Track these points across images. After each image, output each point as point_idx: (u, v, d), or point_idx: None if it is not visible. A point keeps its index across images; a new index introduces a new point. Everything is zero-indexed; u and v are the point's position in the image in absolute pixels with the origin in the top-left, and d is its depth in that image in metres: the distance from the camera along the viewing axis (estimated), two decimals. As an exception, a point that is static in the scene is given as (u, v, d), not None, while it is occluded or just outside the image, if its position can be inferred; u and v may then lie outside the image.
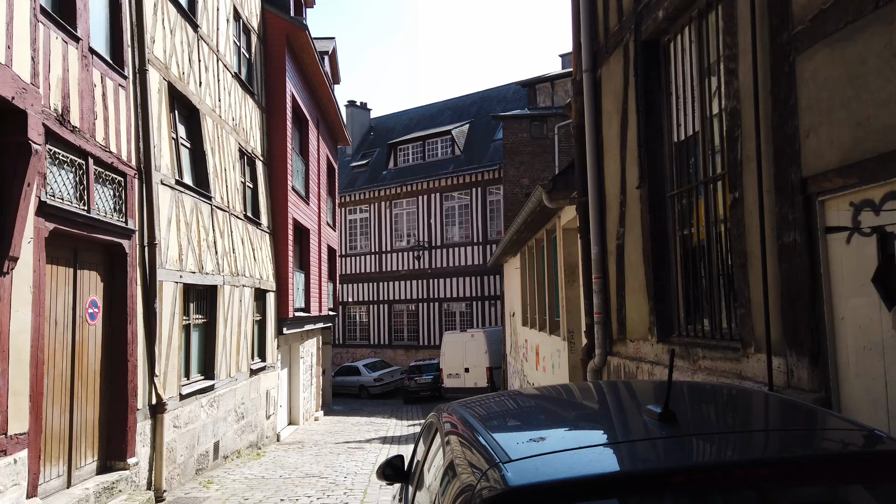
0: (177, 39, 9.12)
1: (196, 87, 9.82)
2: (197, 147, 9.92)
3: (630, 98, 5.02)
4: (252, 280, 12.09)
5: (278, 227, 14.22)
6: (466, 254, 26.73)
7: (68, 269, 6.19)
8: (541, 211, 8.48)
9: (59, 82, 5.85)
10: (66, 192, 5.97)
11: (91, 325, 6.56)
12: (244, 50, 13.04)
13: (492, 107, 29.88)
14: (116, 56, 7.31)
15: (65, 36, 5.99)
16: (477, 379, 20.33)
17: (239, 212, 11.63)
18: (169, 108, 8.76)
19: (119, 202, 7.06)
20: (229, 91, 11.61)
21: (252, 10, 13.64)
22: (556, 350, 9.34)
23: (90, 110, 6.45)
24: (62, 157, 5.92)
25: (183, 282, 8.64)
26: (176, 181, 8.67)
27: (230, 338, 10.70)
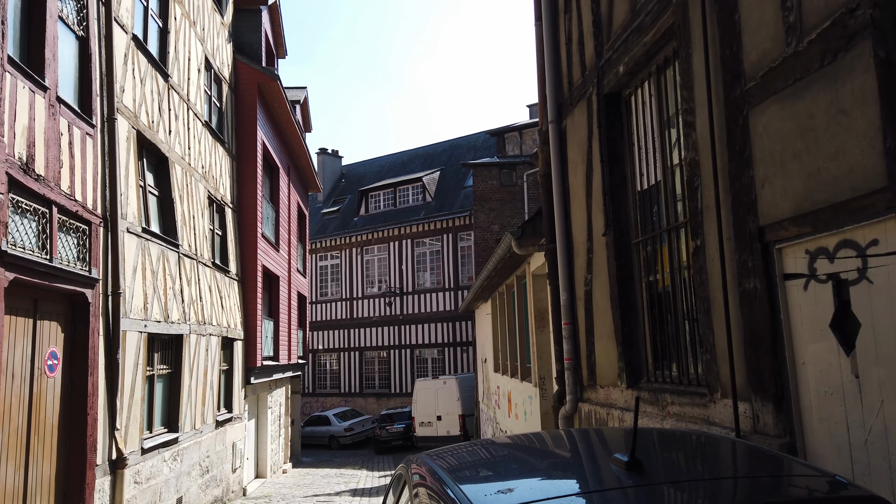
0: (147, 88, 9.15)
1: (165, 136, 9.81)
2: (165, 195, 9.85)
3: (594, 148, 5.16)
4: (219, 329, 11.87)
5: (247, 274, 14.07)
6: (438, 299, 26.69)
7: (27, 319, 6.02)
8: (510, 257, 8.57)
9: (24, 131, 5.81)
10: (28, 240, 5.85)
11: (50, 377, 6.35)
12: (215, 99, 13.11)
13: (462, 155, 30.35)
14: (84, 105, 7.29)
15: (32, 85, 5.97)
16: (450, 427, 20.04)
17: (207, 259, 11.50)
18: (137, 156, 8.72)
19: (83, 251, 6.94)
20: (199, 139, 11.62)
21: (224, 60, 13.78)
22: (528, 397, 9.30)
23: (56, 158, 6.39)
24: (25, 205, 5.82)
25: (147, 331, 8.45)
26: (143, 229, 8.57)
27: (196, 388, 10.43)
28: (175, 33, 10.57)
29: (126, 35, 8.44)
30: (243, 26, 15.54)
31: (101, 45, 7.71)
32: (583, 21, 5.43)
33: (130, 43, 8.59)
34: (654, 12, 4.08)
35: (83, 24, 7.35)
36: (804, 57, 2.70)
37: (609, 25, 4.85)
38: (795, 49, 2.75)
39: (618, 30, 4.66)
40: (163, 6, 10.22)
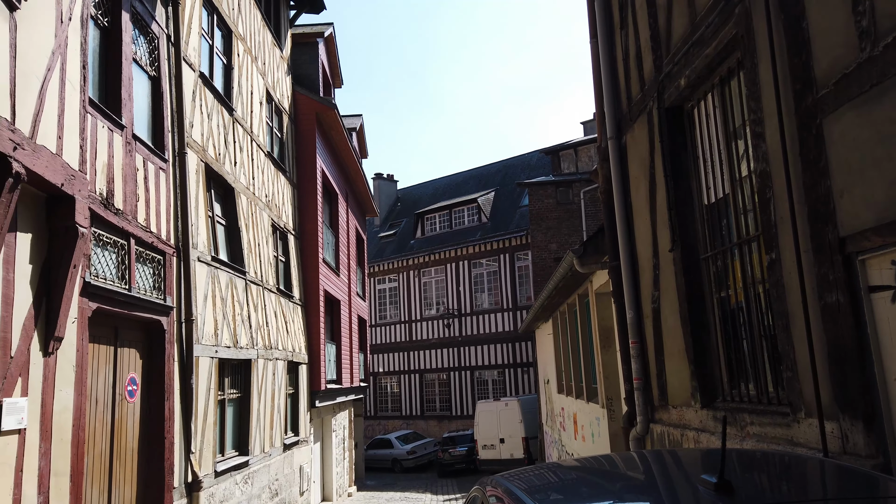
0: (213, 123, 9.55)
1: (231, 167, 10.19)
2: (232, 224, 10.21)
3: (657, 163, 5.08)
4: (285, 353, 12.14)
5: (310, 299, 14.37)
6: (497, 320, 26.56)
7: (109, 347, 6.31)
8: (572, 276, 8.47)
9: (104, 168, 6.14)
10: (108, 272, 6.16)
11: (130, 402, 6.63)
12: (276, 130, 13.56)
13: (516, 174, 30.34)
14: (157, 141, 7.67)
15: (110, 124, 6.32)
16: (513, 450, 19.78)
17: (272, 285, 11.82)
18: (206, 187, 9.09)
19: (158, 280, 7.25)
20: (262, 169, 12.02)
21: (283, 92, 14.27)
22: (595, 418, 9.10)
23: (133, 193, 6.72)
24: (106, 238, 6.14)
25: (218, 357, 8.72)
26: (212, 258, 8.90)
27: (264, 412, 10.67)
28: (238, 69, 11.03)
29: (194, 73, 8.86)
30: (301, 59, 16.07)
31: (172, 83, 8.12)
32: (640, 36, 5.39)
33: (198, 80, 9.00)
34: (715, 24, 4.02)
35: (155, 65, 7.77)
36: (880, 62, 2.61)
37: (668, 39, 4.80)
38: (870, 54, 2.66)
39: (677, 43, 4.61)
40: (227, 44, 10.69)
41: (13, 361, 4.50)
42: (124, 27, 6.72)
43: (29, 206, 4.87)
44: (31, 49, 4.69)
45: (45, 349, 4.93)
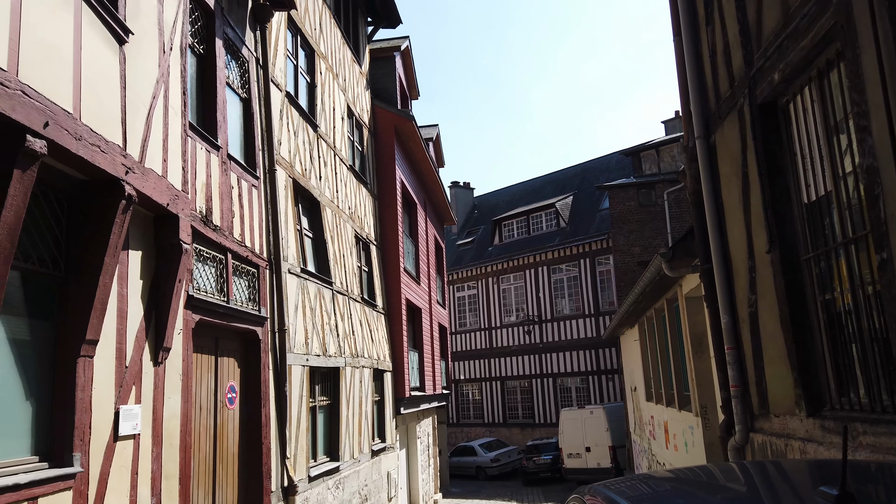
0: (299, 140, 9.93)
1: (317, 182, 10.56)
2: (318, 236, 10.56)
3: (750, 161, 4.89)
4: (370, 361, 12.41)
5: (392, 307, 14.64)
6: (578, 326, 26.14)
7: (210, 356, 6.66)
8: (660, 280, 8.24)
9: (203, 187, 6.51)
10: (209, 285, 6.51)
11: (230, 409, 6.96)
12: (357, 143, 13.94)
13: (595, 177, 29.83)
14: (249, 159, 8.05)
15: (208, 146, 6.69)
16: (600, 459, 19.36)
17: (356, 295, 12.12)
18: (294, 202, 9.45)
19: (253, 292, 7.59)
20: (345, 182, 12.37)
21: (363, 106, 14.65)
22: (689, 427, 8.79)
23: (229, 210, 7.08)
24: (206, 253, 6.50)
25: (309, 365, 9.02)
26: (301, 269, 9.23)
27: (352, 419, 10.94)
28: (321, 87, 11.42)
29: (280, 93, 9.25)
30: (379, 73, 16.46)
31: (261, 104, 8.51)
32: (727, 31, 5.21)
33: (284, 100, 9.39)
34: (810, 15, 3.84)
35: (246, 87, 8.16)
36: None
37: (758, 33, 4.62)
38: None
39: (769, 37, 4.42)
40: (310, 63, 11.10)
41: (128, 371, 4.84)
42: (218, 53, 7.11)
43: (138, 225, 5.22)
44: (138, 79, 5.04)
45: (154, 359, 5.26)
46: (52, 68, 3.84)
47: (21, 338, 4.03)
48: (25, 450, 3.96)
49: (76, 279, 4.34)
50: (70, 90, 4.01)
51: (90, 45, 4.30)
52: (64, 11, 4.01)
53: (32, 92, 3.57)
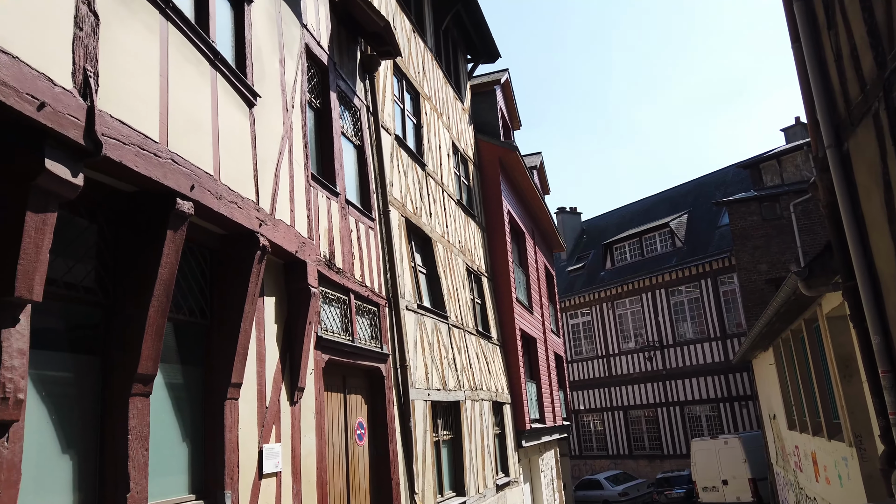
0: (409, 179, 10.26)
1: (427, 219, 10.82)
2: (431, 272, 10.78)
3: (892, 169, 4.50)
4: (489, 393, 12.39)
5: (507, 338, 14.58)
6: (704, 351, 24.79)
7: (339, 394, 6.92)
8: (796, 300, 7.68)
9: (325, 232, 6.86)
10: (335, 325, 6.81)
11: (359, 445, 7.18)
12: (463, 178, 14.19)
13: (710, 193, 28.51)
14: (365, 202, 8.40)
15: (328, 193, 7.06)
16: (739, 492, 18.07)
17: (471, 328, 12.20)
18: (407, 240, 9.73)
19: (375, 330, 7.84)
20: (454, 217, 12.59)
21: (468, 141, 14.93)
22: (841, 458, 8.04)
23: (349, 252, 7.41)
24: (331, 295, 6.81)
25: (431, 399, 9.15)
26: (418, 305, 9.44)
27: (475, 453, 10.93)
28: (427, 127, 11.78)
29: (390, 136, 9.63)
30: (480, 107, 16.74)
31: (373, 149, 8.89)
32: (853, 34, 4.88)
33: (394, 142, 9.77)
34: (955, 4, 3.52)
35: (358, 134, 8.57)
36: None
37: (890, 33, 4.29)
38: None
39: (905, 33, 4.10)
40: (415, 106, 11.50)
41: (268, 411, 5.12)
42: (333, 106, 7.54)
43: (271, 272, 5.58)
44: (265, 137, 5.44)
45: (290, 399, 5.54)
46: (195, 135, 4.23)
47: (175, 381, 4.39)
48: (183, 488, 4.28)
49: (220, 326, 4.69)
50: (210, 154, 4.39)
51: (225, 111, 4.70)
52: (203, 84, 4.43)
53: (180, 159, 3.94)
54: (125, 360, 3.65)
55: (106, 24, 3.42)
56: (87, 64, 3.21)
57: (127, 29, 3.61)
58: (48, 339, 3.38)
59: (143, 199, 3.81)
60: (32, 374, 3.17)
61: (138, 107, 3.62)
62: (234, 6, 5.26)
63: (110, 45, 3.45)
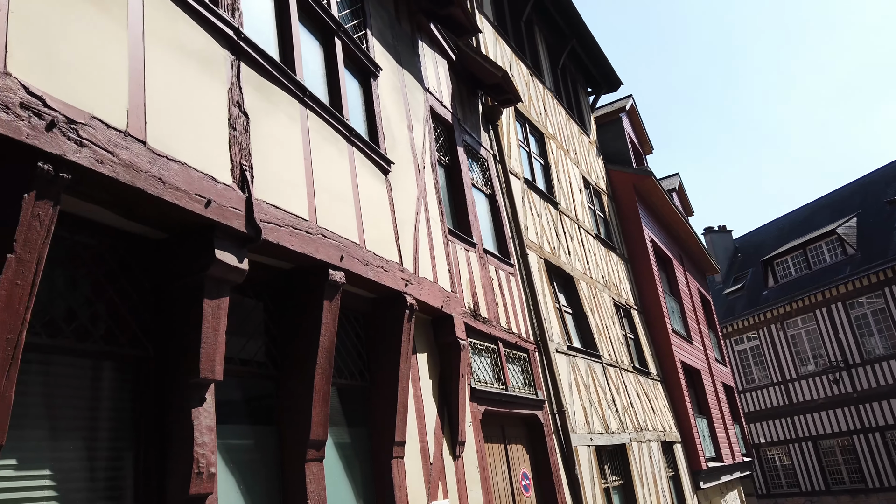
0: (543, 220, 10.19)
1: (566, 257, 10.65)
2: (577, 311, 10.52)
3: None
4: (656, 433, 11.70)
5: (668, 373, 13.79)
6: (899, 367, 21.90)
7: (499, 444, 6.85)
8: None
9: (467, 284, 6.95)
10: (486, 375, 6.80)
11: (526, 496, 7.02)
12: (598, 211, 13.88)
13: (879, 191, 25.67)
14: (502, 249, 8.44)
15: (465, 245, 7.19)
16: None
17: (627, 365, 11.68)
18: (549, 281, 9.61)
19: (527, 376, 7.74)
20: (594, 252, 12.29)
21: (598, 173, 14.65)
22: None
23: (492, 301, 7.43)
24: (479, 345, 6.84)
25: (594, 444, 8.79)
26: (568, 347, 9.22)
27: (650, 498, 10.29)
28: (554, 166, 11.73)
29: (519, 181, 9.68)
30: (607, 137, 16.43)
31: (504, 195, 8.97)
32: None
33: (524, 186, 9.80)
34: None
35: (488, 183, 8.70)
36: None
37: None
38: None
39: None
40: (541, 147, 11.52)
41: (432, 467, 5.17)
42: (461, 160, 7.74)
43: (420, 328, 5.72)
44: (402, 201, 5.67)
45: (453, 453, 5.57)
46: (339, 208, 4.50)
47: (344, 443, 4.57)
48: (361, 548, 4.39)
49: (379, 387, 4.85)
50: (354, 223, 4.64)
51: (364, 181, 4.97)
52: (341, 159, 4.73)
53: (328, 232, 4.20)
54: (298, 428, 3.87)
55: (254, 120, 3.77)
56: (242, 159, 3.55)
57: (272, 121, 3.96)
58: (229, 413, 3.66)
59: (299, 273, 4.08)
60: (219, 446, 3.44)
61: (288, 190, 3.92)
62: (361, 84, 5.61)
63: (259, 138, 3.79)
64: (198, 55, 3.43)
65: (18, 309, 2.25)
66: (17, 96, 2.30)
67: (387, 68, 6.08)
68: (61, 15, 2.63)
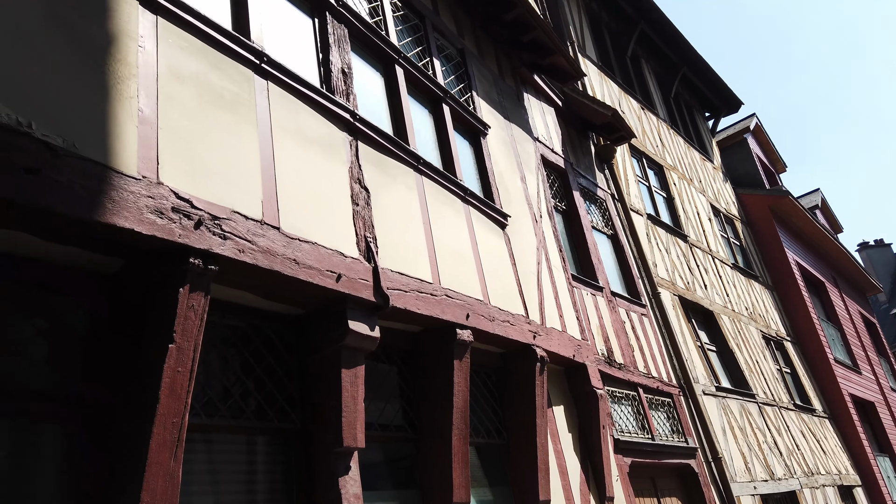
0: (672, 255, 9.75)
1: (703, 291, 10.07)
2: (722, 347, 9.86)
3: None
4: (830, 477, 10.53)
5: (835, 408, 12.46)
6: None
7: (652, 498, 6.46)
8: None
9: (598, 329, 6.74)
10: (629, 425, 6.49)
11: (686, 554, 6.52)
12: (732, 239, 13.09)
13: None
14: (631, 290, 8.14)
15: (591, 290, 7.01)
16: None
17: (786, 402, 10.71)
18: (686, 319, 9.11)
19: (673, 422, 7.29)
20: (732, 283, 11.54)
21: (727, 199, 13.89)
22: None
23: (626, 345, 7.14)
24: (618, 393, 6.56)
25: (759, 493, 8.05)
26: (716, 388, 8.62)
27: (830, 552, 9.21)
28: (678, 197, 11.26)
29: (642, 217, 9.38)
30: (733, 160, 15.61)
31: (627, 234, 8.71)
32: None
33: (647, 222, 9.47)
34: None
35: (609, 224, 8.50)
36: None
37: None
38: None
39: None
40: (661, 179, 11.13)
41: (581, 525, 4.96)
42: (578, 204, 7.65)
43: (553, 380, 5.59)
44: (521, 252, 5.66)
45: (601, 509, 5.31)
46: (461, 268, 4.57)
47: (486, 500, 4.50)
48: None
49: (516, 444, 4.76)
50: (476, 281, 4.69)
51: (482, 238, 5.03)
52: (458, 219, 4.83)
53: (452, 292, 4.27)
54: (440, 490, 3.87)
55: (374, 193, 3.96)
56: (366, 232, 3.73)
57: (391, 192, 4.15)
58: (373, 478, 3.74)
59: (428, 335, 4.16)
60: (367, 513, 3.51)
61: (411, 256, 4.05)
62: (471, 143, 5.76)
63: (380, 209, 3.97)
64: (319, 140, 3.69)
65: (181, 394, 2.46)
66: (169, 202, 2.58)
67: (494, 125, 6.20)
68: (200, 124, 2.95)
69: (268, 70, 3.48)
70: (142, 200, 2.47)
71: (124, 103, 2.60)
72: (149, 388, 2.40)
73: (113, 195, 2.37)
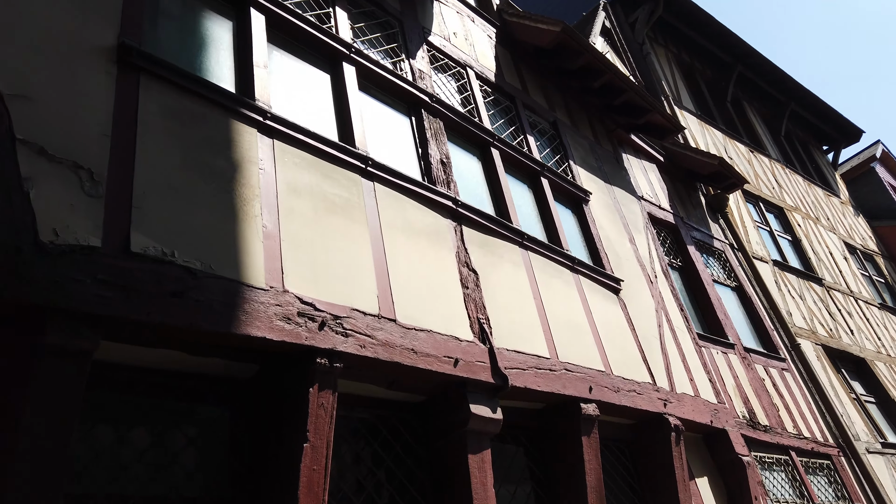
0: (808, 302, 9.05)
1: (849, 338, 9.22)
2: (882, 398, 8.88)
3: None
4: None
5: None
6: None
7: (823, 577, 5.77)
8: None
9: (734, 390, 6.30)
10: (785, 493, 5.91)
11: None
12: (875, 275, 12.00)
13: None
14: (766, 344, 7.59)
15: (721, 348, 6.61)
16: None
17: (973, 456, 9.35)
18: (834, 369, 8.33)
19: (836, 487, 6.57)
20: (882, 324, 10.50)
21: (862, 234, 12.84)
22: None
23: (770, 404, 6.61)
24: (767, 458, 6.03)
25: (954, 566, 6.99)
26: (882, 444, 7.72)
27: None
28: (805, 238, 10.54)
29: (767, 264, 8.83)
30: (863, 192, 14.49)
31: (752, 284, 8.20)
32: None
33: (774, 269, 8.90)
34: None
35: (731, 276, 8.07)
36: None
37: None
38: None
39: None
40: (783, 222, 10.50)
41: None
42: (695, 259, 7.35)
43: (691, 449, 5.24)
44: (640, 316, 5.48)
45: (765, 593, 4.81)
46: (577, 339, 4.49)
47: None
48: None
49: (660, 522, 4.47)
50: (596, 351, 4.58)
51: (596, 307, 4.94)
52: (569, 290, 4.79)
53: (571, 366, 4.19)
54: (582, 578, 3.68)
55: (483, 275, 4.04)
56: (478, 313, 3.78)
57: (499, 272, 4.21)
58: (512, 567, 3.63)
59: (551, 412, 4.08)
60: None
61: (525, 332, 4.05)
62: (574, 212, 5.76)
63: (490, 289, 4.02)
64: (425, 230, 3.85)
65: (318, 492, 2.55)
66: (295, 307, 2.77)
67: (595, 189, 6.18)
68: (317, 231, 3.17)
69: (373, 172, 3.71)
70: (271, 309, 2.67)
71: (250, 222, 2.87)
72: (288, 489, 2.51)
73: (246, 307, 2.58)
